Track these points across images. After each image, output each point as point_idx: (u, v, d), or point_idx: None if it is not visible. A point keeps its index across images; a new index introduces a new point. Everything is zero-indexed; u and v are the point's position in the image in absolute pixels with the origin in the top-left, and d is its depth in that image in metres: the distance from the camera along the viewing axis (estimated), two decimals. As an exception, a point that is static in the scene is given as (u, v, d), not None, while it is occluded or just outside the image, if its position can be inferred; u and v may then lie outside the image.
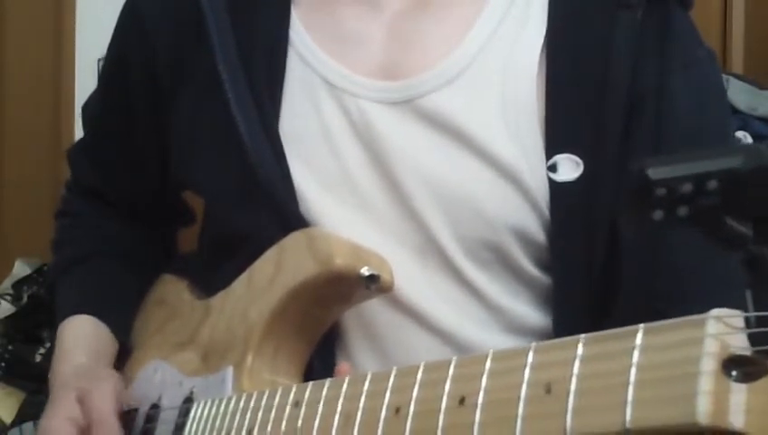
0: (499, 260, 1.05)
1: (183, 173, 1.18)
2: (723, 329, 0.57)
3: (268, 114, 1.08)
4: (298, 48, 1.11)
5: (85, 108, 1.35)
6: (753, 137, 1.65)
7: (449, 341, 1.05)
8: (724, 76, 1.69)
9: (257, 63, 1.10)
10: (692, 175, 0.58)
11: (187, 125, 1.15)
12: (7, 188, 1.86)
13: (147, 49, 1.17)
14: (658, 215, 0.58)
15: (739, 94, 1.69)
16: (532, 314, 1.07)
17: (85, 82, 1.31)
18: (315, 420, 0.88)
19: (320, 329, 1.06)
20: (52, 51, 1.81)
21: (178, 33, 1.14)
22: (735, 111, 1.68)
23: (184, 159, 1.16)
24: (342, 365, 1.02)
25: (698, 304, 0.96)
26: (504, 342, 1.05)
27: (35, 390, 1.56)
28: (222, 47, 1.09)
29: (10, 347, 1.61)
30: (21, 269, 1.69)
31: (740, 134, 1.64)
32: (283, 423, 0.92)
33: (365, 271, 1.00)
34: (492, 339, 1.05)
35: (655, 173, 0.58)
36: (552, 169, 1.03)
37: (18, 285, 1.68)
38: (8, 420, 1.56)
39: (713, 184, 0.58)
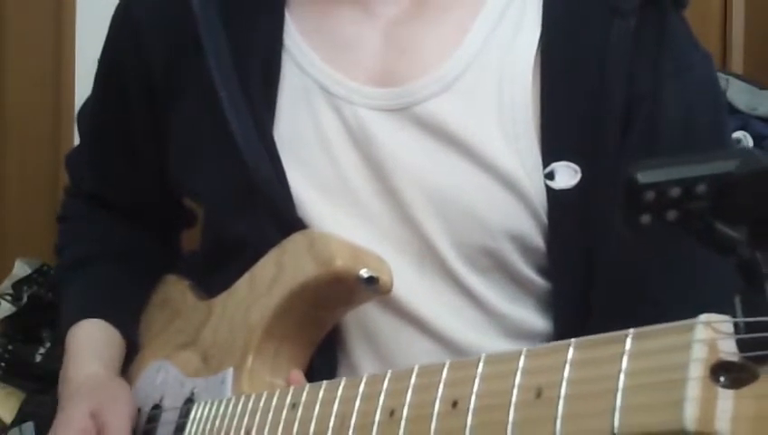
0: (497, 266, 1.06)
1: (181, 179, 1.18)
2: (711, 334, 0.57)
3: (263, 120, 1.09)
4: (293, 53, 1.11)
5: (81, 113, 1.36)
6: (753, 137, 1.65)
7: (448, 345, 1.05)
8: (725, 76, 1.69)
9: (252, 69, 1.10)
10: (681, 179, 0.58)
11: (184, 132, 1.15)
12: (7, 187, 1.86)
13: (142, 57, 1.18)
14: (646, 219, 0.59)
15: (739, 94, 1.69)
16: (534, 319, 1.07)
17: (85, 82, 1.31)
18: (312, 422, 0.89)
19: (320, 331, 1.07)
20: (52, 51, 1.81)
21: (172, 40, 1.15)
22: (735, 111, 1.67)
23: (181, 166, 1.17)
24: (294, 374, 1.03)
25: (684, 306, 0.98)
26: (505, 346, 1.06)
27: (35, 390, 1.56)
28: (215, 54, 1.09)
29: (10, 347, 1.60)
30: (21, 269, 1.69)
31: (740, 134, 1.63)
32: (281, 425, 0.92)
33: (364, 273, 1.00)
34: (492, 344, 1.06)
35: (644, 177, 0.58)
36: (550, 176, 1.03)
37: (18, 285, 1.68)
38: (8, 420, 1.56)
39: (702, 188, 0.58)
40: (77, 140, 1.38)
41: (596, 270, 1.03)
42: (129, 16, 1.21)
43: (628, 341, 0.61)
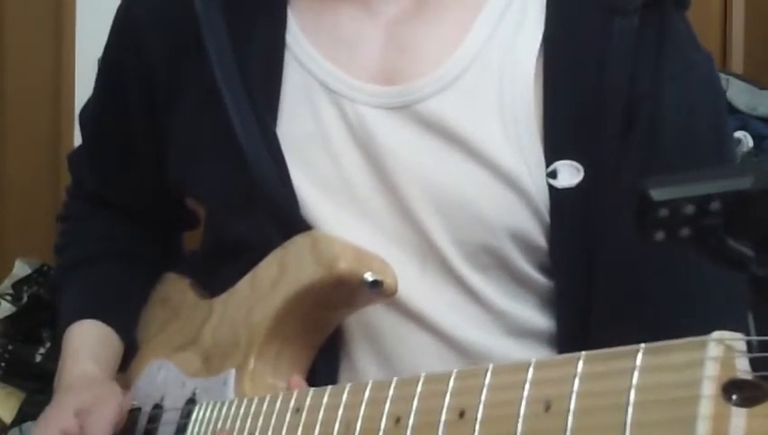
0: (499, 264, 1.05)
1: (181, 179, 1.18)
2: (724, 352, 0.56)
3: (266, 119, 1.08)
4: (295, 52, 1.11)
5: (83, 112, 1.35)
6: (753, 137, 1.65)
7: (450, 343, 1.05)
8: (725, 76, 1.69)
9: (254, 68, 1.10)
10: (695, 196, 0.57)
11: (185, 132, 1.15)
12: (7, 187, 1.86)
13: (142, 57, 1.17)
14: (660, 236, 0.58)
15: (739, 94, 1.69)
16: (536, 318, 1.07)
17: (85, 82, 1.31)
18: (315, 427, 0.88)
19: (323, 333, 1.06)
20: (52, 51, 1.81)
21: (173, 40, 1.14)
22: (735, 111, 1.68)
23: (182, 166, 1.17)
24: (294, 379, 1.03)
25: (685, 307, 0.98)
26: (507, 344, 1.06)
27: (35, 390, 1.57)
28: (218, 53, 1.09)
29: (10, 347, 1.61)
30: (21, 269, 1.69)
31: (740, 134, 1.64)
32: (284, 429, 0.92)
33: (368, 276, 1.00)
34: (494, 342, 1.06)
35: (657, 194, 0.58)
36: (552, 175, 1.03)
37: (18, 285, 1.68)
38: (8, 420, 1.57)
39: (716, 205, 0.57)
40: (77, 141, 1.38)
41: (597, 269, 1.02)
42: (130, 17, 1.20)
43: (640, 356, 0.61)
